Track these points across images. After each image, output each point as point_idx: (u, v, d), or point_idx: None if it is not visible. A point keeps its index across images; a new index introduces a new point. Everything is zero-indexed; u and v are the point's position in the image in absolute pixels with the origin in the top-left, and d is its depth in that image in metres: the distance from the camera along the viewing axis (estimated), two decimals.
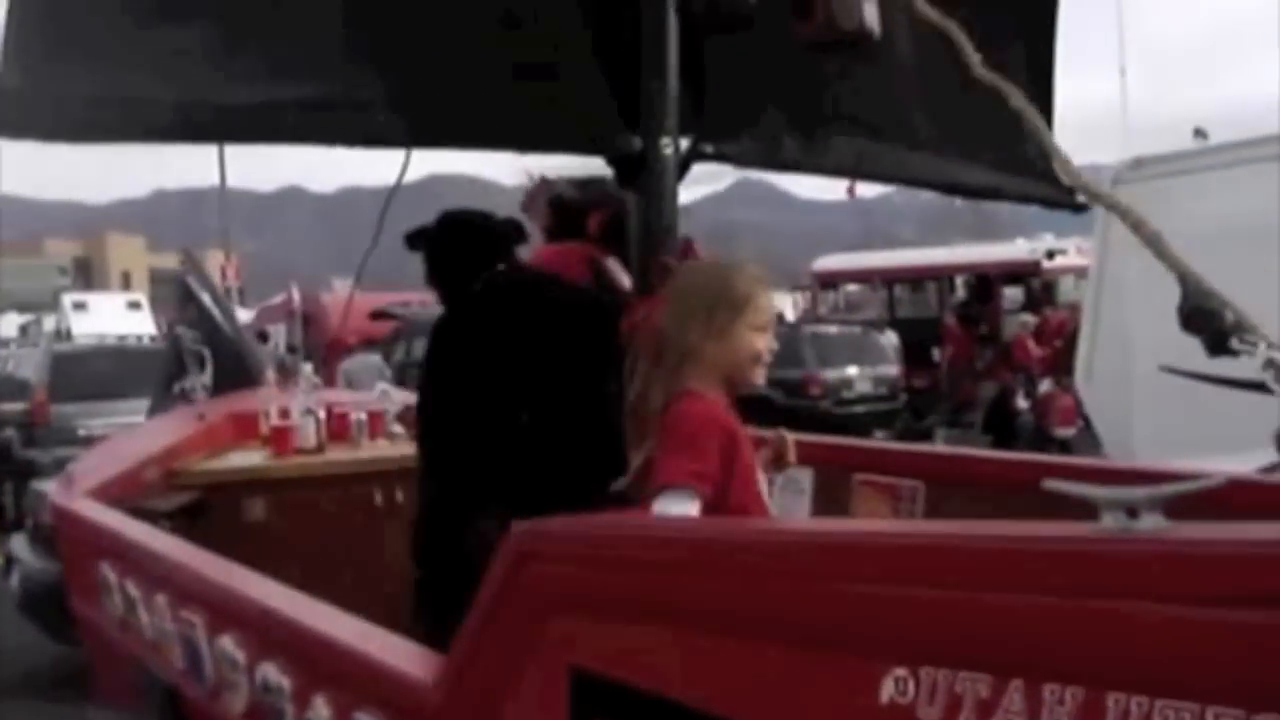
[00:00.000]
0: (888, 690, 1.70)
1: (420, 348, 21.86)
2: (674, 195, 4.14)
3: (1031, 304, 25.26)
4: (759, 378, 3.05)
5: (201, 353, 8.16)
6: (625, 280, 4.41)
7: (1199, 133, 12.42)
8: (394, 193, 5.25)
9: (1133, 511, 1.50)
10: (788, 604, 1.88)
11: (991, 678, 1.59)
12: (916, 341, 24.08)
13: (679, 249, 4.77)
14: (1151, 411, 9.81)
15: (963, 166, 4.99)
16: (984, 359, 22.67)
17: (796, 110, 4.59)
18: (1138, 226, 2.02)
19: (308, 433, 6.07)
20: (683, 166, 4.20)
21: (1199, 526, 1.48)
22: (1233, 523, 1.49)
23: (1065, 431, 17.50)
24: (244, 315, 29.86)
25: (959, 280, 27.95)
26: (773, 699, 1.88)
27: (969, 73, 2.48)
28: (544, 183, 5.02)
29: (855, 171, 4.97)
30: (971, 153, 4.98)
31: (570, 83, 4.29)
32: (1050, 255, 26.20)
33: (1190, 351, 10.48)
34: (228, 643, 3.64)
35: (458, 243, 4.64)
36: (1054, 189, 5.37)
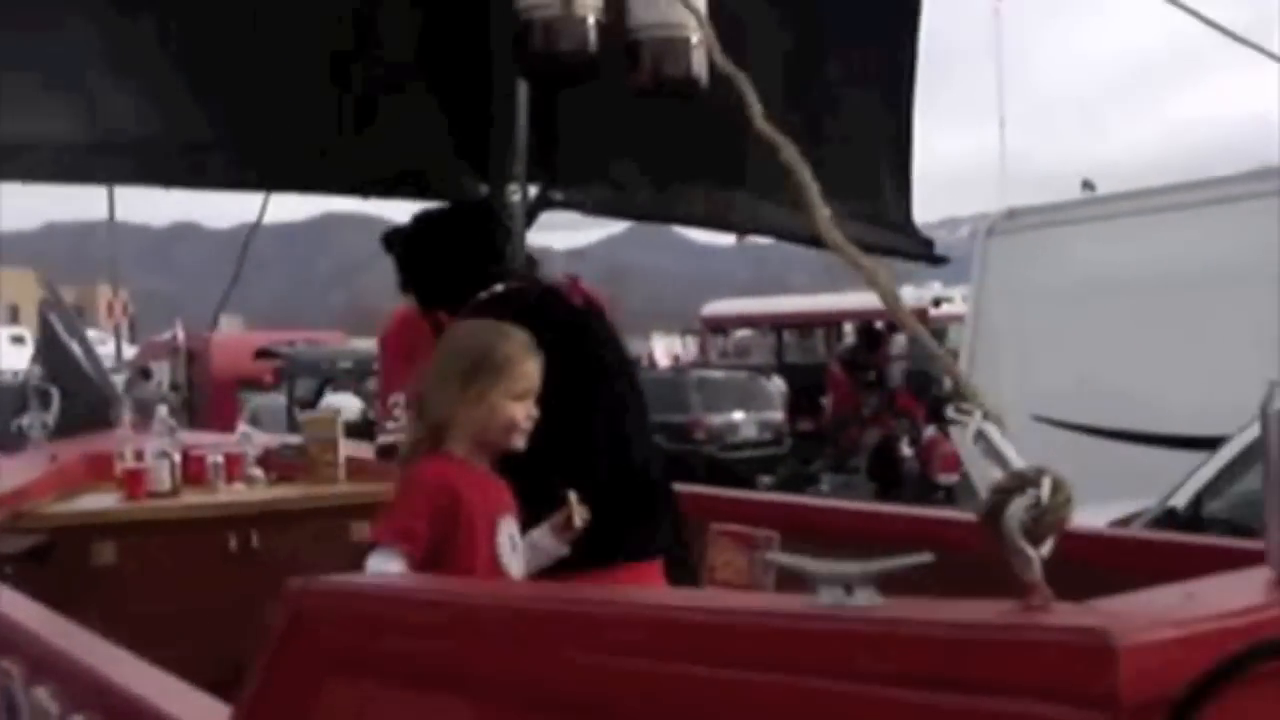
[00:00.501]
0: None
1: (304, 387, 21.65)
2: (522, 242, 4.13)
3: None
4: (516, 444, 3.05)
5: (48, 390, 8.01)
6: None
7: (1087, 184, 12.62)
8: (253, 233, 5.19)
9: (849, 587, 1.48)
10: (527, 671, 1.86)
11: None
12: (804, 387, 24.21)
13: (568, 286, 4.70)
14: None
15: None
16: (870, 406, 22.81)
17: (648, 159, 4.60)
18: (873, 283, 2.01)
19: (161, 475, 5.95)
20: (530, 214, 4.19)
21: (910, 605, 1.46)
22: (950, 601, 1.47)
23: (948, 478, 17.66)
24: (130, 351, 29.55)
25: (847, 327, 28.16)
26: None
27: (751, 123, 2.49)
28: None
29: (707, 221, 4.97)
30: (826, 203, 4.97)
31: (414, 129, 4.26)
32: (937, 303, 26.48)
33: (1063, 401, 10.64)
34: (42, 694, 3.56)
35: (440, 248, 4.04)
36: (910, 241, 5.42)
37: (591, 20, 3.75)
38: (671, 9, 3.86)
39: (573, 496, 3.18)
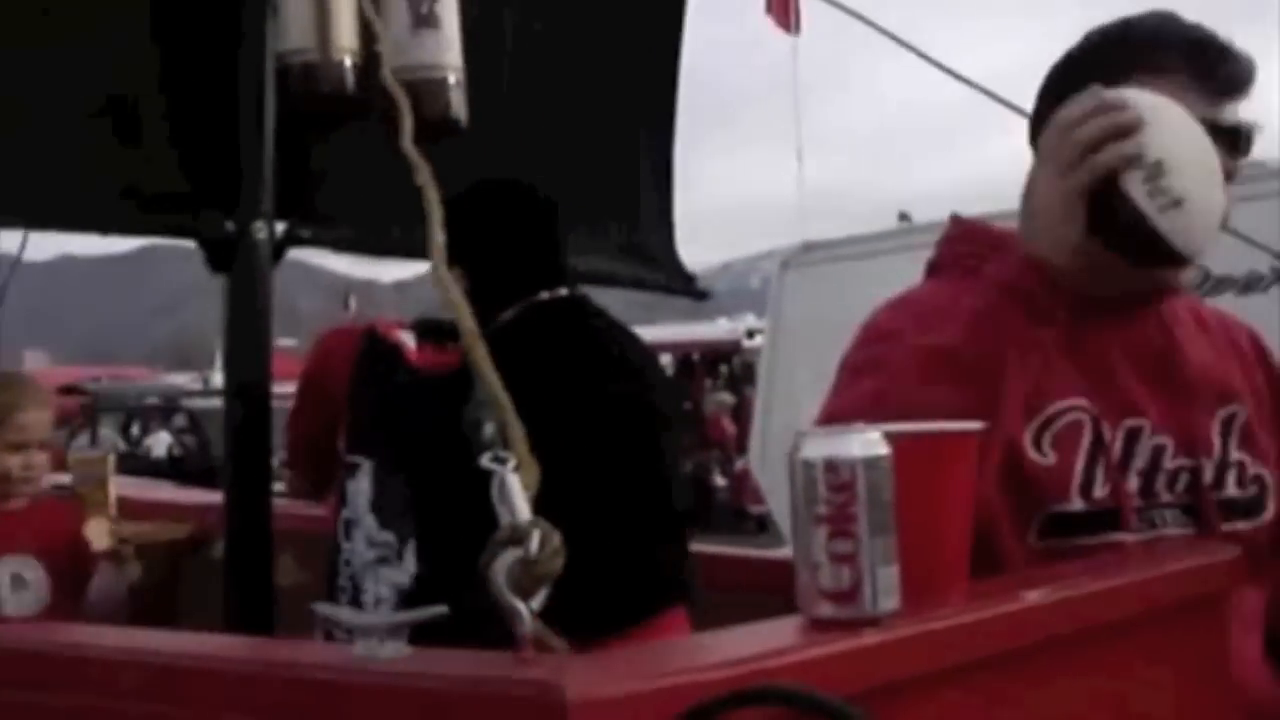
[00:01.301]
0: None
1: (110, 423, 21.28)
2: (268, 280, 4.07)
3: (732, 382, 25.75)
4: (14, 493, 3.13)
5: None
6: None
7: (904, 216, 12.82)
8: (14, 267, 5.07)
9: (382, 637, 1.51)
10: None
11: None
12: None
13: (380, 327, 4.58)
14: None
15: (574, 253, 5.01)
16: (688, 437, 23.00)
17: (399, 198, 4.55)
18: (458, 313, 2.07)
19: None
20: (278, 251, 4.14)
21: (429, 657, 1.50)
22: (470, 653, 1.51)
23: (760, 508, 17.84)
24: None
25: (664, 358, 28.35)
26: None
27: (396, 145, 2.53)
28: None
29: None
30: (587, 239, 5.00)
31: (157, 165, 4.18)
32: (750, 335, 26.77)
33: None
34: None
35: (493, 236, 3.70)
36: (674, 276, 5.45)
37: (349, 63, 3.73)
38: (426, 51, 3.85)
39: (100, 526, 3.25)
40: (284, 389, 4.19)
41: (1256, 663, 2.49)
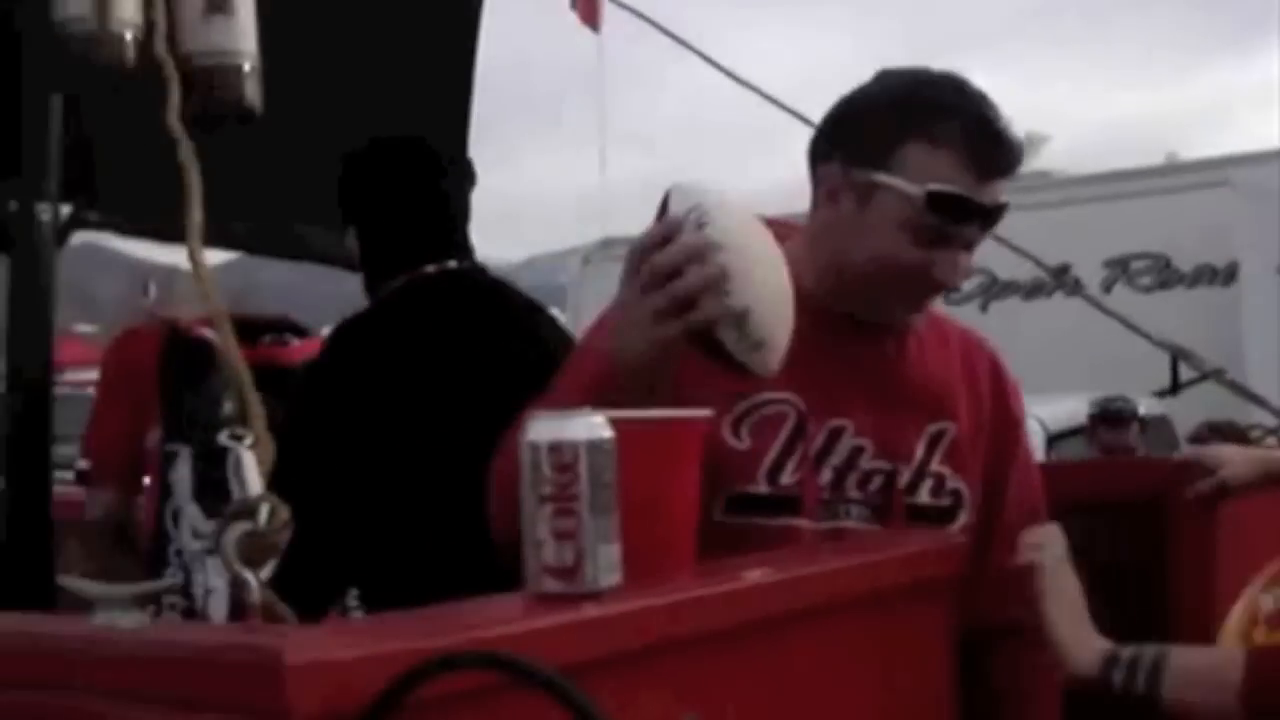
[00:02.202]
0: None
1: None
2: (52, 262, 3.97)
3: None
4: None
5: None
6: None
7: None
8: None
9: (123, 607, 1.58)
10: None
11: None
12: None
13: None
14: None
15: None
16: None
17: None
18: (207, 292, 2.14)
19: None
20: (62, 233, 4.04)
21: (167, 627, 1.56)
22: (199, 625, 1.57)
23: None
24: None
25: None
26: None
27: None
28: None
29: (247, 244, 4.89)
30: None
31: None
32: None
33: None
34: None
35: (386, 198, 3.60)
36: None
37: (129, 37, 3.64)
38: (221, 36, 3.78)
39: None
40: (85, 375, 4.12)
41: None
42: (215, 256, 4.63)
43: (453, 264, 3.63)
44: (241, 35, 3.80)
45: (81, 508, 4.80)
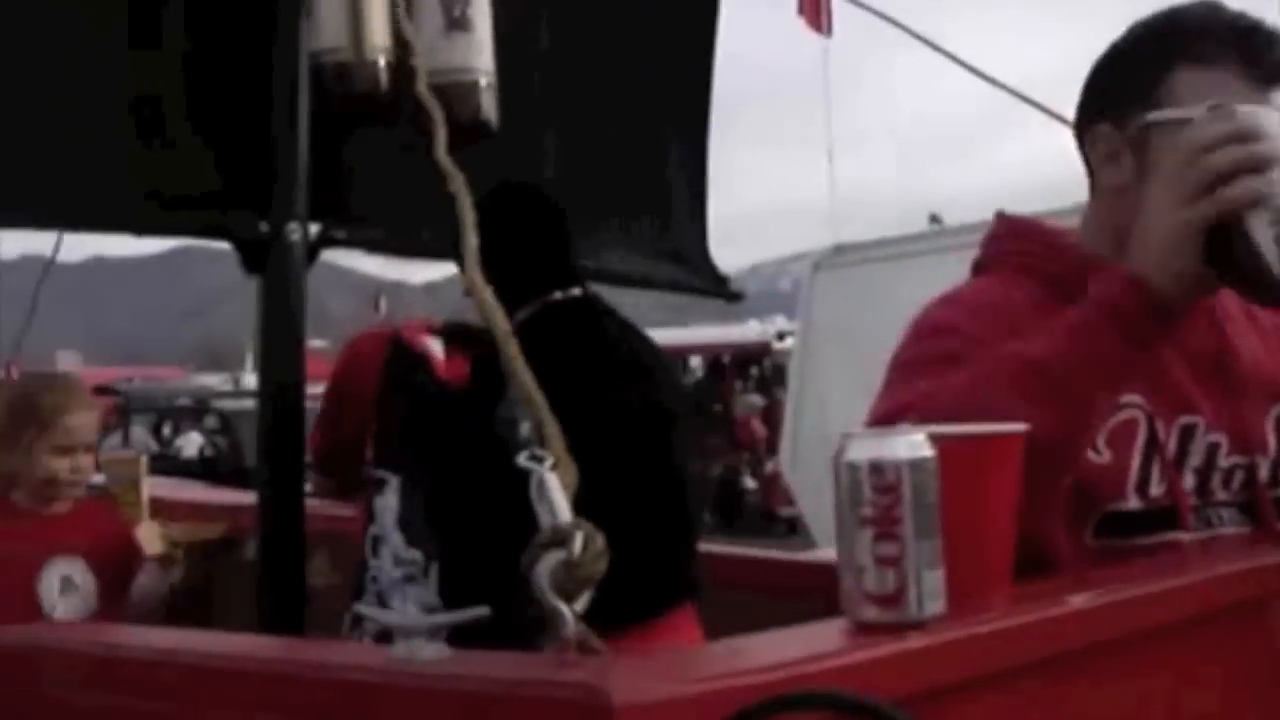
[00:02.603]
0: None
1: (142, 424, 21.33)
2: (301, 281, 4.07)
3: (762, 384, 25.70)
4: (60, 496, 3.11)
5: None
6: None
7: (934, 218, 12.78)
8: (46, 270, 5.08)
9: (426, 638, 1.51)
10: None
11: None
12: None
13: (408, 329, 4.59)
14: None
15: (609, 253, 5.00)
16: (714, 439, 22.97)
17: (431, 199, 4.55)
18: (492, 316, 2.07)
19: None
20: (312, 252, 4.13)
21: (468, 659, 1.49)
22: (514, 655, 1.50)
23: (790, 510, 17.77)
24: None
25: (694, 361, 28.33)
26: None
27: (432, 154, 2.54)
28: None
29: None
30: (621, 240, 5.01)
31: (191, 165, 4.18)
32: (781, 337, 26.71)
33: None
34: None
35: (508, 238, 3.60)
36: (706, 278, 5.44)
37: (382, 63, 3.77)
38: (459, 53, 3.87)
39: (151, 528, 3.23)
40: (315, 390, 4.20)
41: None
42: (444, 269, 4.70)
43: (577, 291, 3.78)
44: (479, 51, 3.88)
45: (329, 520, 4.87)
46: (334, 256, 5.03)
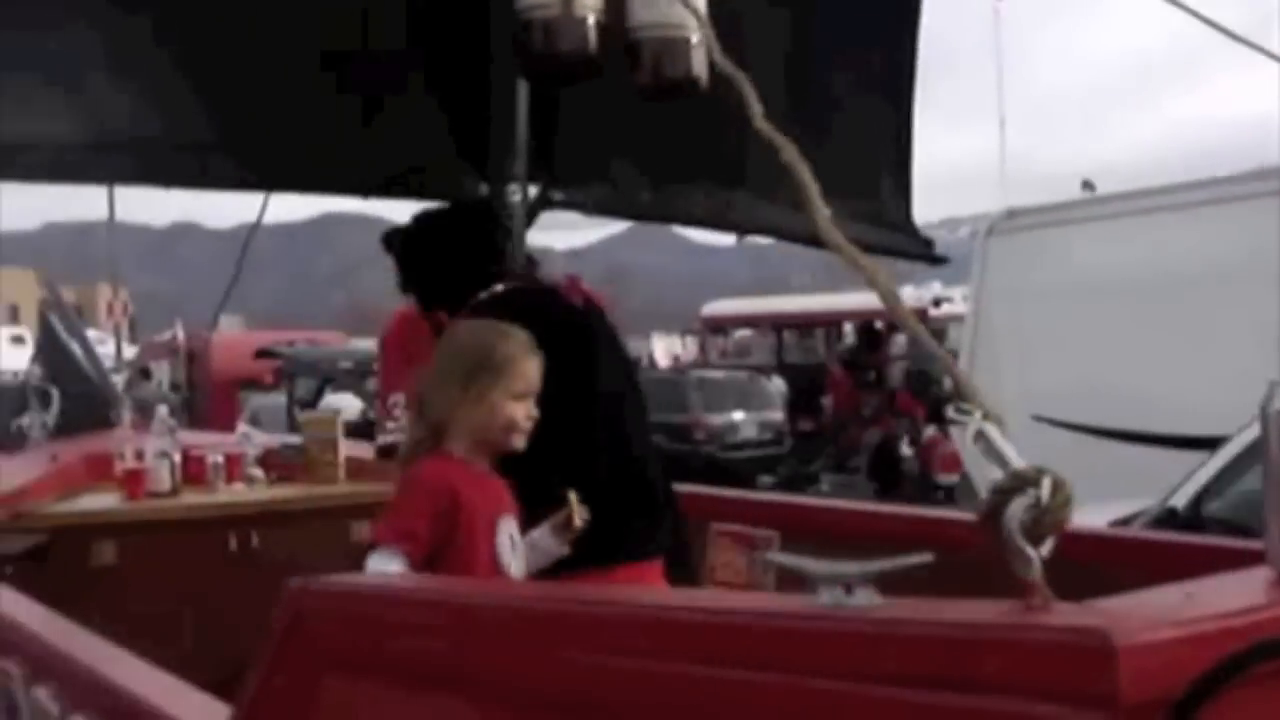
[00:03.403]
0: None
1: (304, 387, 21.62)
2: (522, 241, 4.12)
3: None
4: (516, 444, 3.05)
5: (48, 390, 8.00)
6: None
7: (1086, 184, 12.60)
8: (253, 232, 5.19)
9: (849, 587, 1.49)
10: (526, 671, 1.87)
11: None
12: (804, 387, 24.20)
13: (568, 286, 4.73)
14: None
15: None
16: (870, 406, 22.81)
17: (647, 159, 4.59)
18: (873, 283, 2.01)
19: (161, 475, 5.93)
20: (531, 213, 4.18)
21: (910, 605, 1.46)
22: (950, 601, 1.47)
23: (948, 478, 17.62)
24: (130, 351, 29.63)
25: (847, 327, 28.18)
26: None
27: (751, 124, 2.50)
28: None
29: (706, 221, 4.96)
30: (827, 203, 4.99)
31: (413, 129, 4.25)
32: (937, 303, 26.45)
33: (1063, 401, 10.59)
34: (42, 694, 3.56)
35: (440, 247, 4.01)
36: (911, 241, 5.41)
37: (591, 20, 3.75)
38: (671, 9, 3.85)
39: (573, 496, 3.17)
40: None
41: None
42: (585, 236, 4.75)
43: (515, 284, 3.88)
44: (691, 9, 3.89)
45: None
46: None
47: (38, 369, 8.22)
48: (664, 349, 44.95)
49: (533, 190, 4.19)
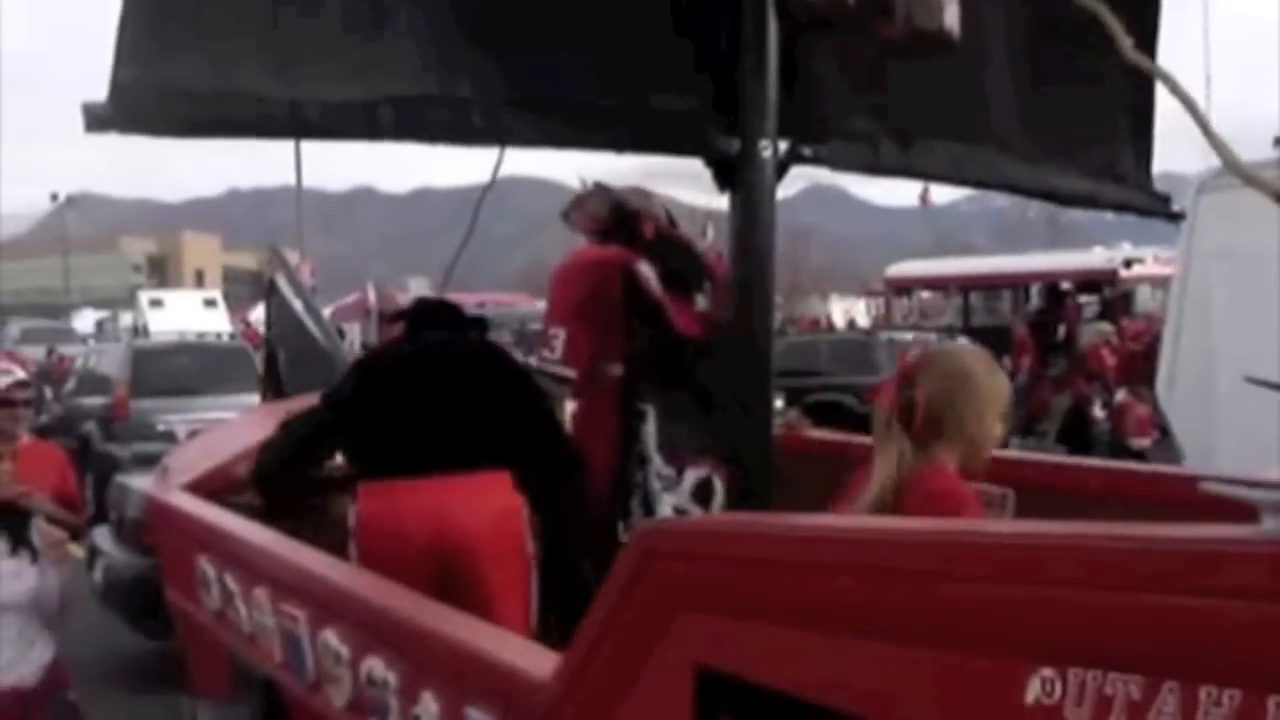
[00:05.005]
0: (1033, 691, 1.69)
1: None
2: (772, 198, 4.13)
3: (1107, 313, 25.06)
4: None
5: (275, 350, 8.27)
6: (655, 288, 4.86)
7: (1279, 141, 12.23)
8: (487, 190, 5.27)
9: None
10: (927, 605, 1.88)
11: (1144, 679, 1.58)
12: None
13: (714, 259, 4.88)
14: (1235, 422, 9.68)
15: (1056, 173, 4.96)
16: (1058, 368, 22.50)
17: (892, 114, 4.57)
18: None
19: None
20: (781, 169, 4.19)
21: None
22: None
23: (1140, 442, 17.27)
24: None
25: (1034, 288, 27.81)
26: (910, 699, 1.87)
27: (1120, 56, 2.50)
28: (597, 188, 5.10)
29: (949, 176, 4.93)
30: (1065, 159, 4.96)
31: (667, 85, 4.28)
32: (1128, 264, 25.98)
33: (1276, 362, 10.27)
34: (331, 636, 3.66)
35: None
36: (1148, 197, 5.34)
37: None
38: None
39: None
40: None
41: None
42: None
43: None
44: None
45: None
46: (655, 185, 5.31)
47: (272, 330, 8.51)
48: (841, 311, 44.64)
49: (782, 146, 4.19)
